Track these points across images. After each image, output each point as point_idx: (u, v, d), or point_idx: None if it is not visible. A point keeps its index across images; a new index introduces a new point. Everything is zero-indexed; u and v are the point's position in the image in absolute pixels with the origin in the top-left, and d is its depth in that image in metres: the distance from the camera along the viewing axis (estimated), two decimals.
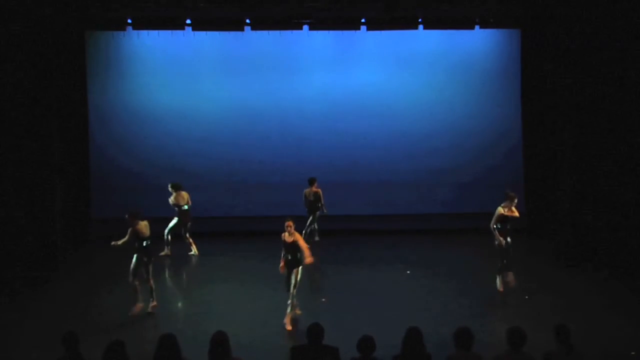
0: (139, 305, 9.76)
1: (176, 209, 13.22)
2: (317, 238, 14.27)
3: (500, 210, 10.32)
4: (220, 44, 14.79)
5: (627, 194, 12.32)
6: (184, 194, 13.29)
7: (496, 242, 10.43)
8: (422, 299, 10.58)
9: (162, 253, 13.11)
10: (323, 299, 10.24)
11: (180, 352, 5.92)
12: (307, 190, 13.98)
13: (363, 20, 14.14)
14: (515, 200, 10.38)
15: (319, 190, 13.99)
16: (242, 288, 11.24)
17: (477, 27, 14.46)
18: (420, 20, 14.18)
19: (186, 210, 13.26)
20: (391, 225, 15.02)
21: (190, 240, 13.37)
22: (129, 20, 13.95)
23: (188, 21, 14.07)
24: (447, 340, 6.23)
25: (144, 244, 9.70)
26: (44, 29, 12.08)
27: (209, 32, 14.30)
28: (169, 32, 14.36)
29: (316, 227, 14.27)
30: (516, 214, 10.37)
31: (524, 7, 13.94)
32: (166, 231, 13.20)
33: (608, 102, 12.41)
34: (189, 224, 13.34)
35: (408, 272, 12.05)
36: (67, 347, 6.17)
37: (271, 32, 14.41)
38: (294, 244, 9.23)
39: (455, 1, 13.32)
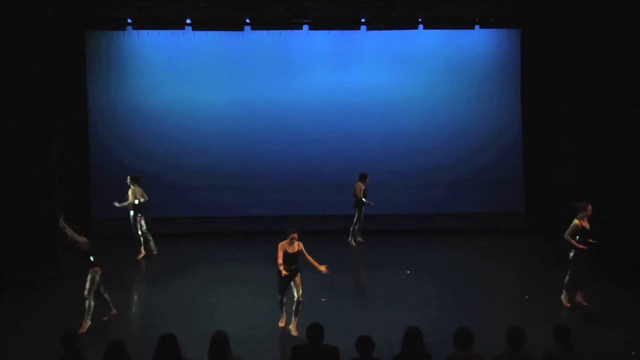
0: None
1: (134, 202, 13.03)
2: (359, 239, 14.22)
3: (577, 222, 9.66)
4: (220, 44, 14.79)
5: (627, 193, 12.31)
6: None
7: (571, 254, 9.78)
8: (422, 298, 10.59)
9: (141, 255, 13.10)
10: (323, 299, 10.23)
11: (180, 352, 5.91)
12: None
13: (363, 20, 14.15)
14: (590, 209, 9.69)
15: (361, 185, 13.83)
16: (242, 288, 11.23)
17: (477, 27, 14.48)
18: (420, 20, 14.20)
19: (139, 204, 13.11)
20: (390, 224, 15.02)
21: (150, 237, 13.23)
22: (129, 20, 13.97)
23: (188, 21, 14.08)
24: (447, 340, 6.23)
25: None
26: (44, 29, 12.07)
27: (209, 32, 14.31)
28: (169, 32, 14.38)
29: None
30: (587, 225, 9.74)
31: (524, 7, 13.94)
32: (140, 231, 13.08)
33: (608, 102, 12.40)
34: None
35: (408, 272, 12.05)
36: (67, 346, 6.18)
37: (271, 32, 14.42)
38: (297, 255, 9.03)
39: (455, 1, 13.32)
